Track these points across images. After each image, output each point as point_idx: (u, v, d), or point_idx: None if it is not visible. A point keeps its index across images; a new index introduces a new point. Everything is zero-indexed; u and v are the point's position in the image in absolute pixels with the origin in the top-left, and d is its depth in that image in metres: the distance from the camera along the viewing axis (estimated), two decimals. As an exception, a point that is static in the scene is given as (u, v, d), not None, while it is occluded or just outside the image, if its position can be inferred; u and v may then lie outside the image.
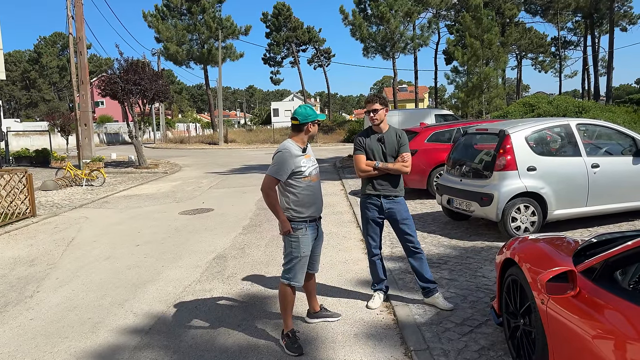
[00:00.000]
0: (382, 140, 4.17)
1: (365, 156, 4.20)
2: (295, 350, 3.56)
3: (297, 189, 3.57)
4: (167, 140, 43.32)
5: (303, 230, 3.60)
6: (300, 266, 3.63)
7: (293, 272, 3.62)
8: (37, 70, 77.72)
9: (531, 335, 2.92)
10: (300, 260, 3.62)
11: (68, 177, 14.58)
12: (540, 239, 3.36)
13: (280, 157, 3.51)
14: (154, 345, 3.84)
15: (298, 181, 3.56)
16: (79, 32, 18.00)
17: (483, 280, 4.86)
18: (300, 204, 3.58)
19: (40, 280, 5.66)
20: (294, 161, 3.52)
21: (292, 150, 3.55)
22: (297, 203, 3.57)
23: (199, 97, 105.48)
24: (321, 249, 3.96)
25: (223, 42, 40.85)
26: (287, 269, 3.65)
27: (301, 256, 3.61)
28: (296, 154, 3.55)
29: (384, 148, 4.16)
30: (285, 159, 3.50)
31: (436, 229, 7.17)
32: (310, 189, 3.61)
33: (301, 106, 3.69)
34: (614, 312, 2.22)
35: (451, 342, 3.59)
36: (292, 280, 3.63)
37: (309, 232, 3.64)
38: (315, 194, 3.66)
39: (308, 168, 3.60)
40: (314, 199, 3.65)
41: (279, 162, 3.50)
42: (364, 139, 4.24)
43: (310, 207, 3.62)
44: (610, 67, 37.85)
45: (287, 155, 3.51)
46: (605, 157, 6.64)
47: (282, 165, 3.49)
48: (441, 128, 10.33)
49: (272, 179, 3.50)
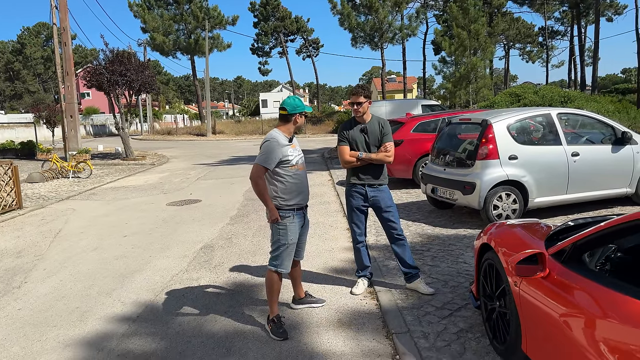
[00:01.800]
0: (365, 131, 4.25)
1: (349, 147, 4.28)
2: (280, 335, 3.65)
3: (284, 178, 3.64)
4: (155, 131, 43.00)
5: (291, 218, 3.68)
6: (287, 253, 3.72)
7: (280, 259, 3.71)
8: (20, 62, 76.45)
9: (506, 317, 3.04)
10: (287, 248, 3.71)
11: (54, 169, 14.48)
12: (515, 225, 3.48)
13: (268, 146, 3.58)
14: (141, 332, 3.91)
15: (285, 170, 3.64)
16: (63, 22, 17.77)
17: (464, 266, 4.99)
18: (288, 192, 3.65)
19: (27, 271, 5.69)
20: (281, 150, 3.59)
21: (279, 139, 3.62)
22: (284, 191, 3.65)
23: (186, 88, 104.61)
24: (307, 237, 4.05)
25: (210, 32, 40.51)
26: (275, 256, 3.74)
27: (288, 243, 3.70)
28: (283, 144, 3.62)
29: (367, 138, 4.24)
30: (273, 147, 3.57)
31: (420, 218, 7.29)
32: (297, 177, 3.70)
33: (290, 97, 3.76)
34: (581, 292, 2.33)
35: (431, 325, 3.71)
36: (280, 267, 3.72)
37: (296, 220, 3.72)
38: (301, 182, 3.74)
39: (295, 157, 3.69)
40: (301, 187, 3.73)
41: (267, 151, 3.57)
42: (347, 130, 4.32)
43: (297, 195, 3.70)
44: (596, 57, 38.16)
45: (275, 144, 3.58)
46: (585, 145, 6.79)
47: (270, 154, 3.56)
48: (427, 118, 10.43)
49: (261, 168, 3.56)
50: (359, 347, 3.49)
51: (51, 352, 3.65)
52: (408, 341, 3.46)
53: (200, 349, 3.57)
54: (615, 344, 2.02)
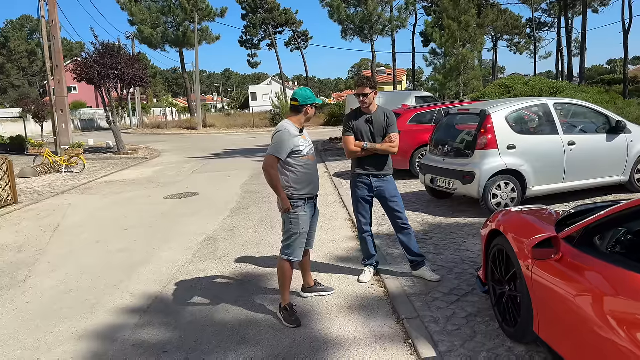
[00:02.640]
0: (370, 121, 4.30)
1: (354, 137, 4.33)
2: (293, 322, 3.72)
3: (296, 168, 3.70)
4: (144, 125, 42.63)
5: (302, 208, 3.74)
6: (299, 242, 3.78)
7: (292, 248, 3.78)
8: (4, 55, 75.06)
9: (517, 300, 3.13)
10: (299, 237, 3.77)
11: (47, 163, 14.35)
12: (523, 211, 3.56)
13: (279, 136, 3.63)
14: (154, 322, 3.95)
15: (297, 160, 3.69)
16: (52, 15, 17.53)
17: (467, 253, 5.08)
18: (299, 181, 3.71)
19: (31, 265, 5.68)
20: (293, 141, 3.64)
21: (290, 130, 3.67)
22: (296, 181, 3.70)
23: (174, 81, 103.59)
24: (317, 227, 4.11)
25: (199, 25, 40.18)
26: (287, 245, 3.80)
27: (300, 232, 3.76)
28: (294, 134, 3.68)
29: (372, 128, 4.30)
30: (285, 138, 3.62)
31: (420, 208, 7.38)
32: (308, 167, 3.76)
33: (301, 88, 3.81)
34: (594, 272, 2.42)
35: (440, 310, 3.80)
36: (292, 255, 3.78)
37: (307, 210, 3.79)
38: (312, 173, 3.80)
39: (305, 147, 3.74)
40: (312, 177, 3.79)
41: (279, 141, 3.62)
42: (353, 120, 4.37)
43: (308, 185, 3.76)
44: (584, 48, 38.58)
45: (287, 134, 3.63)
46: (581, 134, 6.92)
47: (282, 144, 3.61)
48: (423, 110, 10.51)
49: (273, 158, 3.61)
50: (371, 333, 3.56)
51: (66, 343, 3.68)
52: (419, 326, 3.54)
53: (215, 338, 3.62)
54: (628, 319, 2.11)
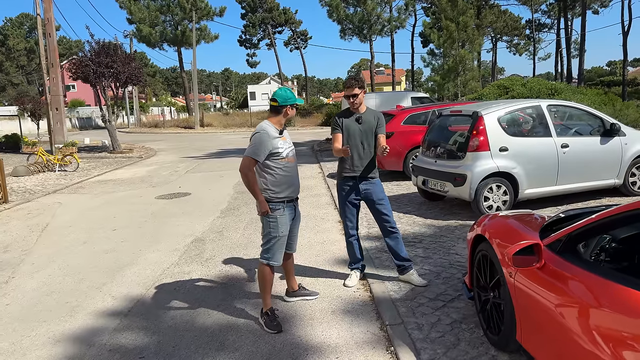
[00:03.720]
0: (359, 121, 4.23)
1: (342, 135, 4.26)
2: (274, 327, 3.64)
3: (274, 170, 3.61)
4: (142, 124, 42.51)
5: (281, 211, 3.66)
6: (278, 246, 3.69)
7: (272, 252, 3.69)
8: (3, 53, 74.91)
9: (500, 308, 3.06)
10: (278, 240, 3.68)
11: (40, 162, 14.26)
12: (509, 216, 3.49)
13: (258, 138, 3.54)
14: (133, 327, 3.87)
15: (275, 162, 3.61)
16: (47, 12, 17.42)
17: (456, 257, 5.01)
18: (278, 184, 3.63)
19: (15, 266, 5.60)
20: (272, 142, 3.56)
21: (269, 131, 3.58)
22: (274, 183, 3.62)
23: (173, 80, 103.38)
24: (298, 230, 4.03)
25: (197, 24, 40.07)
26: (266, 249, 3.71)
27: (279, 236, 3.67)
28: (273, 136, 3.59)
29: (361, 128, 4.22)
30: (263, 140, 3.53)
31: (412, 210, 7.31)
32: (288, 169, 3.67)
33: (281, 88, 3.73)
34: (576, 282, 2.34)
35: (425, 316, 3.72)
36: (271, 259, 3.69)
37: (286, 213, 3.70)
38: (292, 175, 3.71)
39: (285, 149, 3.65)
40: (291, 180, 3.70)
41: (257, 143, 3.53)
42: (342, 118, 4.30)
43: (287, 187, 3.67)
44: (583, 49, 38.52)
45: (265, 136, 3.54)
46: (574, 137, 6.85)
47: (260, 146, 3.52)
48: (417, 110, 10.43)
49: (251, 160, 3.53)
50: (353, 339, 3.49)
51: (41, 347, 3.60)
52: (402, 332, 3.47)
53: (193, 343, 3.54)
54: (610, 332, 2.03)
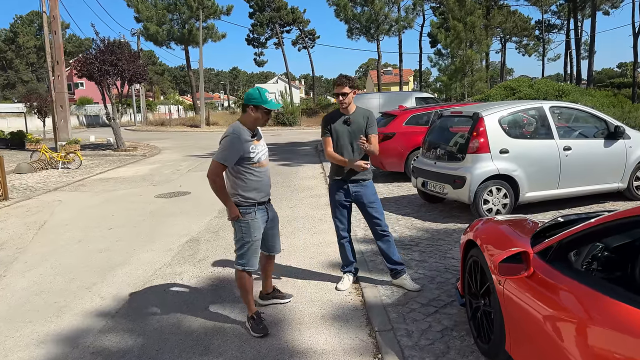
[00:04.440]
0: (347, 122, 4.12)
1: (331, 138, 4.18)
2: (261, 331, 3.56)
3: (245, 175, 3.45)
4: (148, 122, 42.65)
5: (252, 214, 3.51)
6: (252, 251, 3.56)
7: (246, 258, 3.55)
8: (13, 51, 75.57)
9: (490, 316, 2.96)
10: (252, 245, 3.54)
11: (43, 159, 14.29)
12: (502, 221, 3.39)
13: (228, 142, 3.35)
14: (118, 328, 3.81)
15: (246, 167, 3.44)
16: (53, 10, 17.48)
17: (452, 261, 4.90)
18: (248, 189, 3.48)
19: (8, 264, 5.56)
20: (243, 147, 3.38)
21: (241, 134, 3.40)
22: (244, 189, 3.47)
23: (181, 78, 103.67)
24: (278, 230, 3.91)
25: (204, 22, 40.11)
26: (240, 255, 3.56)
27: (252, 240, 3.54)
28: (245, 139, 3.40)
29: (349, 130, 4.12)
30: (233, 144, 3.35)
31: (411, 212, 7.20)
32: (259, 174, 3.51)
33: (255, 87, 3.58)
34: (566, 293, 2.24)
35: (415, 322, 3.62)
36: (247, 265, 3.56)
37: (258, 216, 3.55)
38: (263, 180, 3.56)
39: (257, 154, 3.48)
40: (261, 185, 3.55)
41: (226, 147, 3.34)
42: (330, 121, 4.20)
43: (258, 192, 3.53)
44: (592, 50, 38.16)
45: (236, 140, 3.36)
46: (577, 139, 6.71)
47: (230, 150, 3.34)
48: (419, 111, 10.29)
49: (219, 165, 3.34)
50: (340, 345, 3.40)
51: (24, 348, 3.54)
52: (391, 339, 3.37)
53: (177, 347, 3.47)
54: (598, 350, 1.93)
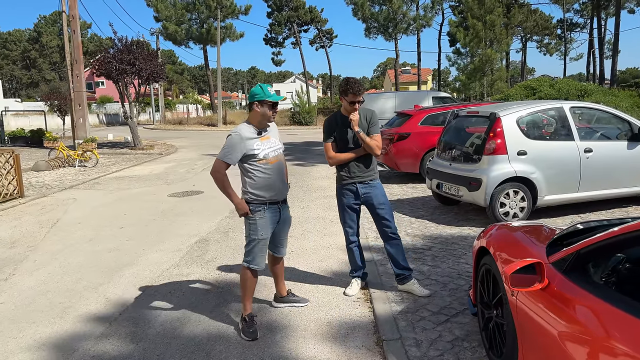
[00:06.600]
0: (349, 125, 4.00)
1: (335, 143, 4.07)
2: (250, 334, 3.48)
3: (252, 173, 3.46)
4: (166, 121, 43.04)
5: (261, 212, 3.50)
6: (258, 249, 3.53)
7: (252, 255, 3.53)
8: (37, 50, 77.15)
9: (503, 328, 2.80)
10: (258, 243, 3.52)
11: (61, 157, 14.45)
12: (517, 227, 3.22)
13: (229, 140, 3.41)
14: (121, 332, 3.74)
15: (253, 164, 3.45)
16: (72, 9, 17.68)
17: (465, 267, 4.73)
18: (258, 187, 3.47)
19: (18, 262, 5.57)
20: (245, 144, 3.40)
21: (242, 133, 3.41)
22: (254, 186, 3.47)
23: (200, 78, 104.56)
24: (287, 233, 3.84)
25: (222, 22, 40.33)
26: (247, 252, 3.57)
27: (259, 239, 3.51)
28: (248, 137, 3.42)
29: (350, 132, 4.00)
30: (234, 142, 3.39)
31: (425, 214, 7.02)
32: (268, 171, 3.48)
33: (258, 84, 3.54)
34: (582, 307, 2.07)
35: (425, 331, 3.48)
36: (252, 263, 3.53)
37: (267, 215, 3.52)
38: (272, 177, 3.52)
39: (263, 150, 3.46)
40: (272, 182, 3.52)
41: (228, 145, 3.40)
42: (332, 125, 4.08)
43: (269, 190, 3.50)
44: (616, 50, 37.27)
45: (237, 138, 3.39)
46: (599, 141, 6.46)
47: (230, 148, 3.39)
48: (435, 111, 10.09)
49: (221, 163, 3.40)
50: (345, 354, 3.27)
51: (25, 351, 3.50)
52: (399, 349, 3.24)
53: (179, 352, 3.38)
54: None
